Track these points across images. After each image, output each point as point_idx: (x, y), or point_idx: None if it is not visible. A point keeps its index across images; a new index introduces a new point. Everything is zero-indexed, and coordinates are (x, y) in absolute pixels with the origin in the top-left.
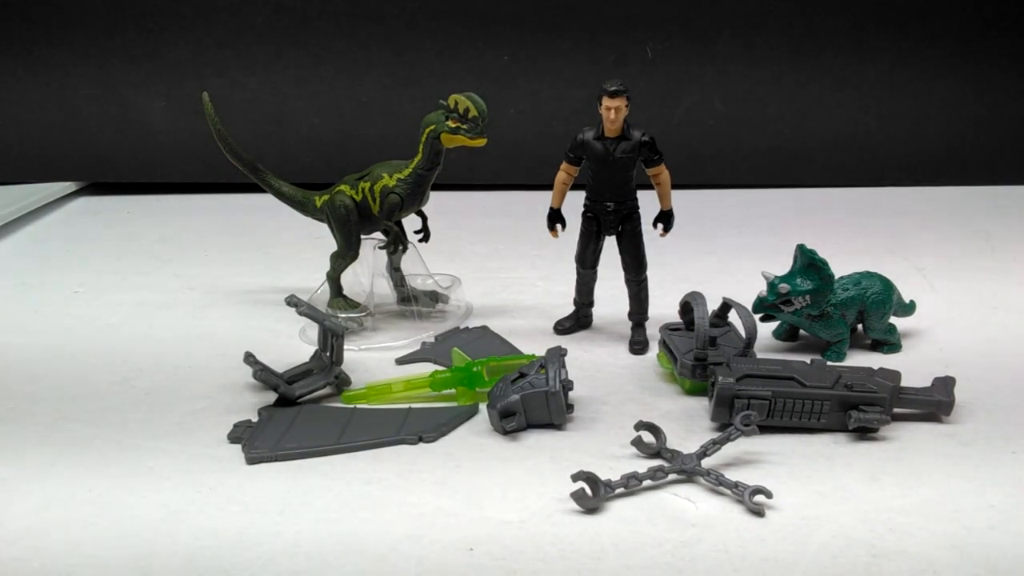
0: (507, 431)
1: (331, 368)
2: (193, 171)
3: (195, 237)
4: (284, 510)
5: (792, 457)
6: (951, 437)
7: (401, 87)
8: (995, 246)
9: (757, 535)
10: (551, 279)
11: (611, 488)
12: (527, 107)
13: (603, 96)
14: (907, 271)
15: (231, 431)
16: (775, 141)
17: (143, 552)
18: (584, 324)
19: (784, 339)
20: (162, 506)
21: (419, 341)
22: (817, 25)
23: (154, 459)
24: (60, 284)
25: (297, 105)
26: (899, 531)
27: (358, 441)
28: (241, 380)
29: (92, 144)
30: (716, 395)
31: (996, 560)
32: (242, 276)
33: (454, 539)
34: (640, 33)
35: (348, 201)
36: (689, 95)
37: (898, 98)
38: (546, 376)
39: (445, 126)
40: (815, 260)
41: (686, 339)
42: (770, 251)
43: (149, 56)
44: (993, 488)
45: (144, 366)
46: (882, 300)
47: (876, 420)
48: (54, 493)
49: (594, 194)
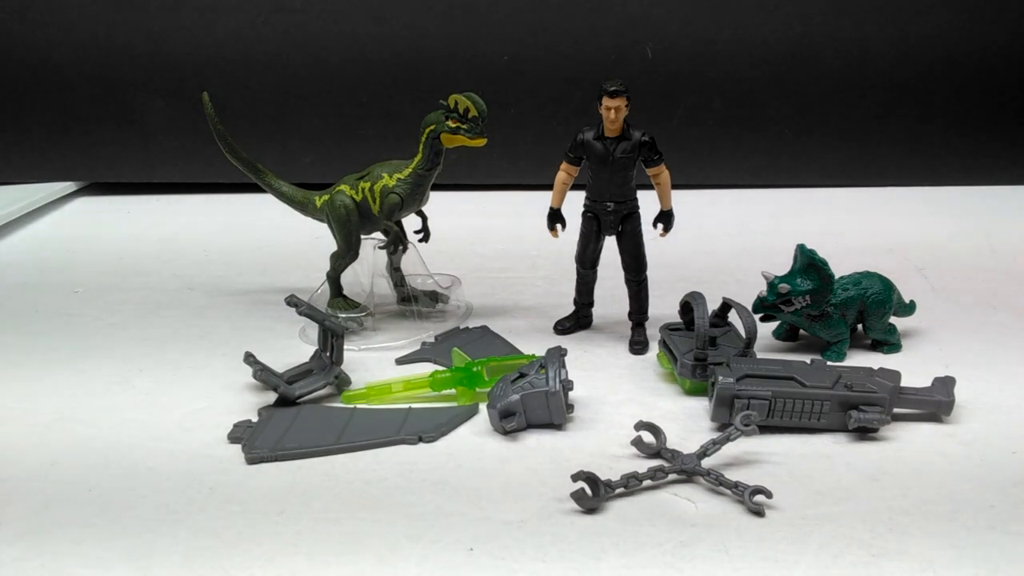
0: (507, 431)
1: (331, 368)
2: (193, 171)
3: (195, 237)
4: (285, 509)
5: (792, 457)
6: (951, 437)
7: (401, 86)
8: (995, 246)
9: (757, 535)
10: (551, 279)
11: (611, 488)
12: (527, 107)
13: (603, 96)
14: (907, 271)
15: (231, 431)
16: (775, 141)
17: (143, 552)
18: (584, 324)
19: (784, 339)
20: (163, 506)
21: (419, 341)
22: (817, 25)
23: (155, 459)
24: (60, 284)
25: (297, 105)
26: (899, 531)
27: (358, 441)
28: (241, 380)
29: (92, 144)
30: (716, 395)
31: (996, 560)
32: (242, 276)
33: (454, 539)
34: (640, 33)
35: (348, 201)
36: (689, 95)
37: (898, 98)
38: (546, 376)
39: (445, 126)
40: (815, 260)
41: (686, 339)
42: (770, 251)
43: (149, 56)
44: (993, 488)
45: (144, 366)
46: (882, 300)
47: (876, 420)
48: (54, 493)
49: (594, 194)
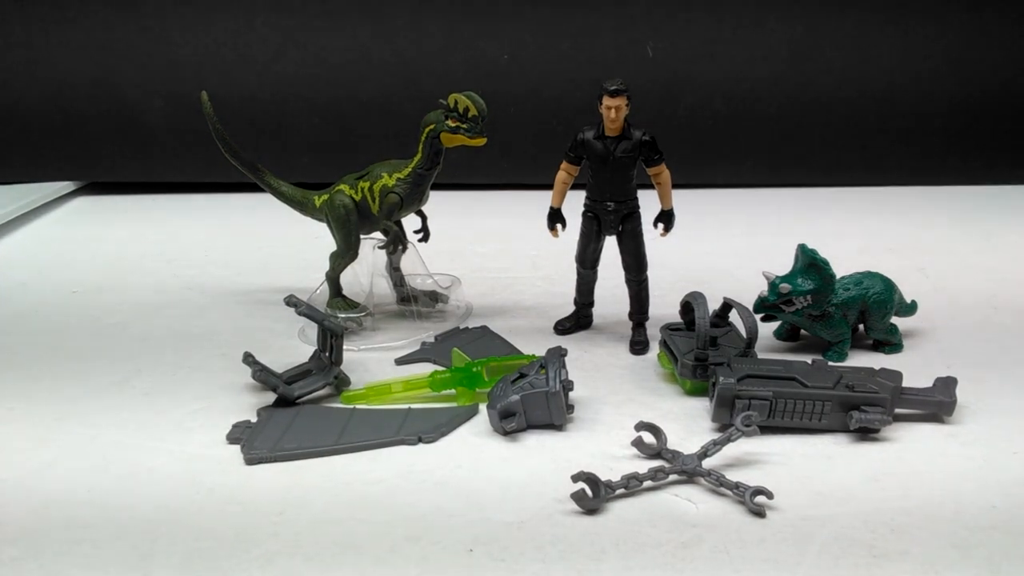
0: (507, 431)
1: (330, 368)
2: (193, 171)
3: (195, 237)
4: (284, 510)
5: (793, 458)
6: (953, 438)
7: (401, 87)
8: (996, 246)
9: (758, 536)
10: (551, 279)
11: (611, 489)
12: (527, 107)
13: (603, 95)
14: (908, 271)
15: (230, 431)
16: (775, 140)
17: (143, 552)
18: (584, 324)
19: (785, 339)
20: (162, 506)
21: (419, 341)
22: (817, 25)
23: (154, 459)
24: (60, 284)
25: (297, 105)
26: (901, 532)
27: (358, 441)
28: (240, 380)
29: (92, 144)
30: (717, 395)
31: (998, 561)
32: (242, 276)
33: (454, 539)
34: (640, 33)
35: (347, 201)
36: (689, 95)
37: (898, 97)
38: (546, 376)
39: (445, 125)
40: (816, 260)
41: (687, 339)
42: (770, 251)
43: (149, 55)
44: (995, 489)
45: (144, 366)
46: (883, 300)
47: (877, 420)
48: (53, 493)
49: (594, 194)
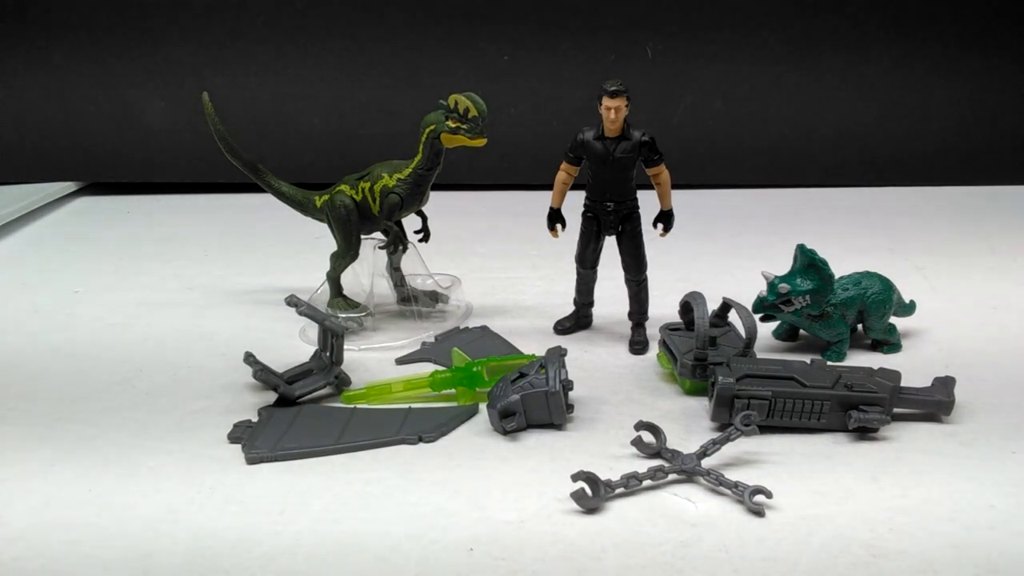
0: (507, 431)
1: (331, 368)
2: (193, 171)
3: (195, 237)
4: (284, 510)
5: (792, 457)
6: (951, 437)
7: (401, 87)
8: (995, 246)
9: (757, 535)
10: (551, 279)
11: (611, 488)
12: (527, 107)
13: (603, 96)
14: (907, 271)
15: (231, 431)
16: (775, 141)
17: (143, 552)
18: (584, 324)
19: (784, 339)
20: (162, 506)
21: (419, 341)
22: (818, 25)
23: (154, 459)
24: (60, 284)
25: (297, 105)
26: (899, 531)
27: (358, 441)
28: (241, 380)
29: (92, 144)
30: (716, 395)
31: (996, 560)
32: (242, 276)
33: (454, 539)
34: (640, 33)
35: (348, 201)
36: (689, 95)
37: (898, 98)
38: (546, 376)
39: (445, 126)
40: (815, 260)
41: (686, 339)
42: (770, 251)
43: (149, 56)
44: (993, 488)
45: (144, 366)
46: (882, 300)
47: (876, 420)
48: (54, 493)
49: (594, 194)
